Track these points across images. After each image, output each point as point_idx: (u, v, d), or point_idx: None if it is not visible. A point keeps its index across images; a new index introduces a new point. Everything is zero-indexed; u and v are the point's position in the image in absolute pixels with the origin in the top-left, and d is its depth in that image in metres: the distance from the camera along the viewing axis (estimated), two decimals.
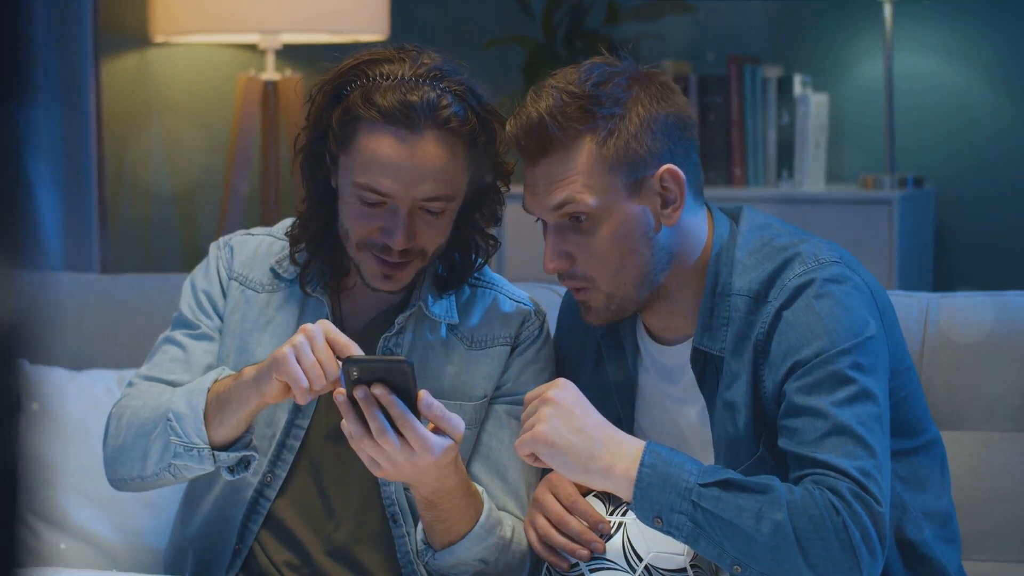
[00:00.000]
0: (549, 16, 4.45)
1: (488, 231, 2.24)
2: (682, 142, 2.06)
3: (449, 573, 2.17)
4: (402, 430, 1.96)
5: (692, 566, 2.02)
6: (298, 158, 2.20)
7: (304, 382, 1.98)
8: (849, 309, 2.00)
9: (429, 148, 2.09)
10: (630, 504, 1.95)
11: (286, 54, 4.18)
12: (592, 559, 2.01)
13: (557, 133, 2.01)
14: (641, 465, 1.93)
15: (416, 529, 2.18)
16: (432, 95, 2.09)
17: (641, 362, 2.18)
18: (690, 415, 2.14)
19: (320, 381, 1.99)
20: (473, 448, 2.23)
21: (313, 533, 2.22)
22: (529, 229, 2.19)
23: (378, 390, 1.95)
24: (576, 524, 2.02)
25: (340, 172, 2.15)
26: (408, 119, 2.08)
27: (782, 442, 1.97)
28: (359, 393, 1.95)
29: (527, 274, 2.81)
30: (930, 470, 2.12)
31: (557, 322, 2.32)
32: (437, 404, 1.98)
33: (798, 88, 4.36)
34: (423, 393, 1.97)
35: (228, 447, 2.10)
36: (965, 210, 4.42)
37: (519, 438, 1.98)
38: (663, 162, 2.04)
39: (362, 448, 1.98)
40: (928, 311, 2.41)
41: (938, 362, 2.37)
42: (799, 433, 1.95)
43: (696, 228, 2.09)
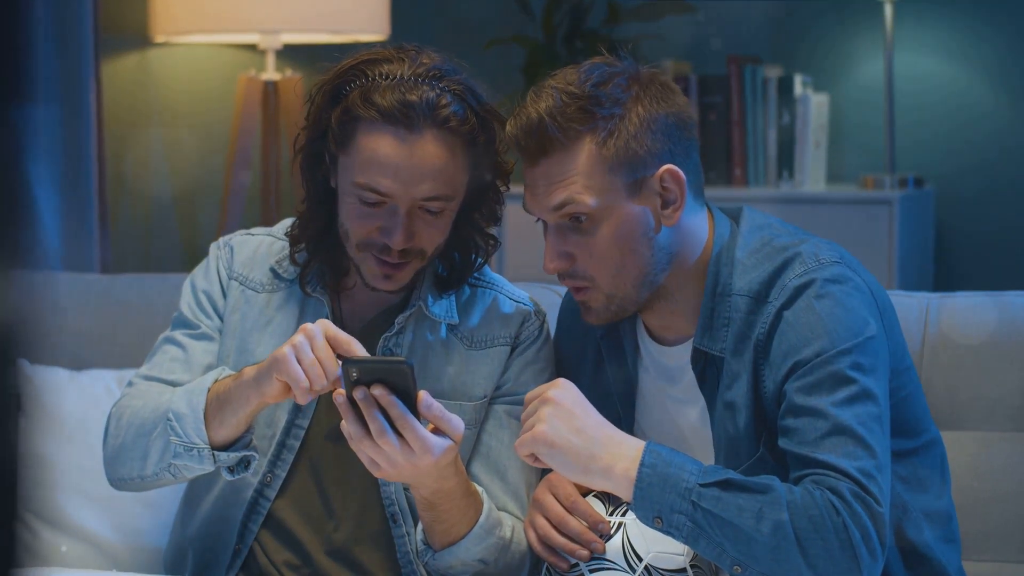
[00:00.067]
0: (549, 16, 4.45)
1: (488, 231, 2.24)
2: (682, 142, 2.06)
3: (449, 573, 2.17)
4: (402, 431, 1.96)
5: (692, 566, 2.02)
6: (297, 158, 2.20)
7: (304, 382, 1.98)
8: (849, 309, 2.00)
9: (428, 148, 2.09)
10: (630, 504, 1.95)
11: (286, 54, 4.18)
12: (592, 559, 2.01)
13: (557, 134, 2.01)
14: (641, 465, 1.93)
15: (416, 529, 2.18)
16: (431, 95, 2.09)
17: (641, 362, 2.18)
18: (690, 415, 2.14)
19: (320, 380, 1.99)
20: (473, 448, 2.23)
21: (313, 533, 2.22)
22: (529, 229, 2.19)
23: (378, 391, 1.95)
24: (576, 524, 2.02)
25: (339, 172, 2.15)
26: (407, 119, 2.08)
27: (782, 442, 1.97)
28: (359, 394, 1.95)
29: (527, 274, 2.81)
30: (930, 470, 2.12)
31: (557, 322, 2.32)
32: (437, 405, 1.98)
33: (798, 88, 4.36)
34: (423, 394, 1.97)
35: (228, 447, 2.10)
36: (965, 210, 4.42)
37: (519, 438, 1.98)
38: (663, 162, 2.04)
39: (362, 449, 1.98)
40: (928, 311, 2.41)
41: (938, 362, 2.37)
42: (799, 433, 1.95)
43: (696, 228, 2.09)
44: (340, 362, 1.98)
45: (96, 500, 2.56)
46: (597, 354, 2.22)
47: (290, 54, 4.20)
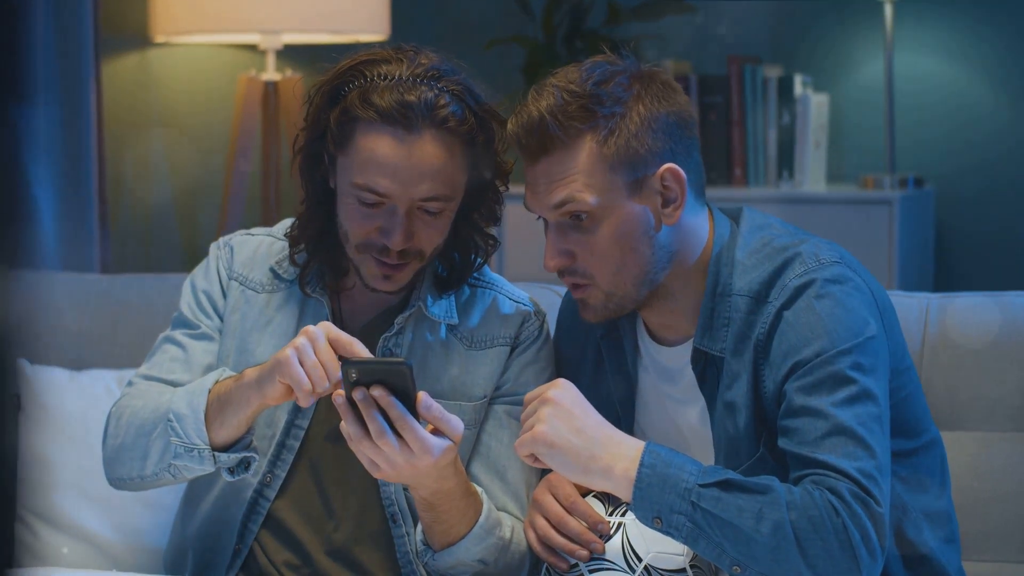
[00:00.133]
0: (549, 16, 4.45)
1: (487, 231, 2.24)
2: (683, 141, 2.06)
3: (448, 573, 2.17)
4: (401, 432, 1.96)
5: (692, 566, 2.01)
6: (297, 159, 2.20)
7: (307, 384, 1.98)
8: (850, 309, 2.00)
9: (427, 148, 2.09)
10: (630, 504, 1.95)
11: (286, 54, 4.18)
12: (591, 559, 2.01)
13: (558, 132, 2.01)
14: (641, 465, 1.93)
15: (416, 529, 2.18)
16: (430, 95, 2.09)
17: (641, 362, 2.18)
18: (690, 415, 2.14)
19: (322, 383, 1.99)
20: (473, 448, 2.23)
21: (313, 533, 2.22)
22: (529, 229, 2.19)
23: (377, 392, 1.95)
24: (575, 525, 2.02)
25: (338, 173, 2.15)
26: (406, 119, 2.08)
27: (782, 442, 1.97)
28: (358, 395, 1.95)
29: (527, 274, 2.81)
30: (930, 471, 2.12)
31: (557, 323, 2.32)
32: (436, 405, 1.98)
33: (798, 88, 4.36)
34: (422, 395, 1.97)
35: (228, 448, 2.10)
36: (965, 210, 4.42)
37: (519, 438, 1.98)
38: (664, 161, 2.04)
39: (361, 450, 1.98)
40: (928, 311, 2.41)
41: (938, 362, 2.37)
42: (799, 433, 1.95)
43: (697, 228, 2.09)
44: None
45: (96, 500, 2.56)
46: (597, 354, 2.22)
47: (290, 54, 4.20)
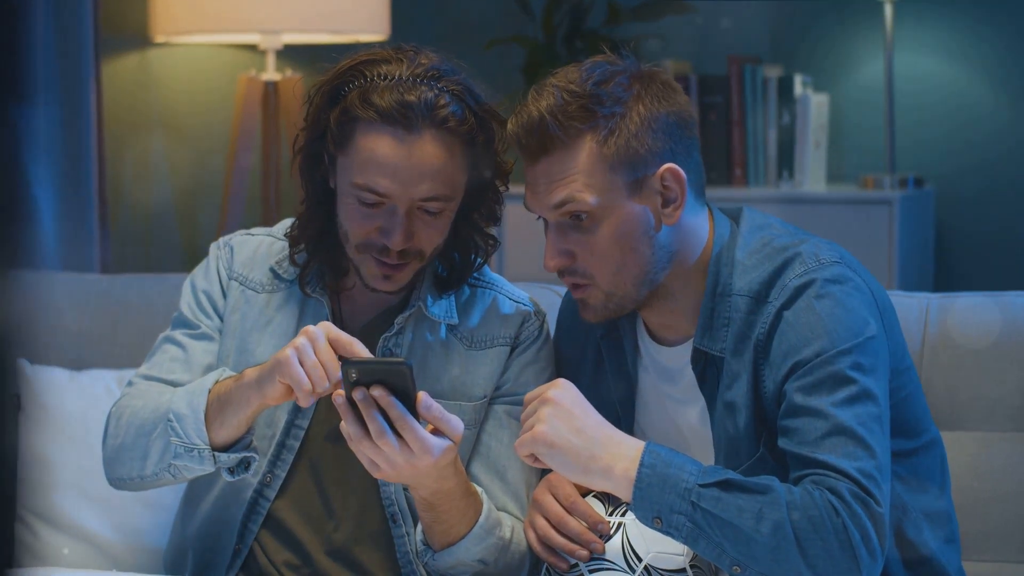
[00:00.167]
0: (549, 16, 4.45)
1: (487, 231, 2.24)
2: (683, 141, 2.06)
3: (448, 573, 2.17)
4: (401, 432, 1.96)
5: (692, 566, 2.01)
6: (297, 159, 2.20)
7: (307, 384, 1.98)
8: (850, 309, 2.00)
9: (427, 148, 2.09)
10: (630, 504, 1.95)
11: (286, 54, 4.18)
12: (591, 559, 2.01)
13: (558, 132, 2.01)
14: (641, 465, 1.93)
15: (416, 529, 2.18)
16: (430, 95, 2.09)
17: (641, 362, 2.18)
18: (690, 415, 2.14)
19: (323, 383, 1.99)
20: (473, 448, 2.23)
21: (313, 533, 2.22)
22: (529, 229, 2.19)
23: (377, 392, 1.95)
24: (575, 525, 2.02)
25: (338, 173, 2.15)
26: (406, 119, 2.08)
27: (782, 442, 1.97)
28: (358, 395, 1.95)
29: (527, 274, 2.81)
30: (930, 471, 2.12)
31: (557, 323, 2.32)
32: (436, 405, 1.98)
33: (798, 88, 4.36)
34: (422, 395, 1.97)
35: (228, 448, 2.10)
36: (965, 210, 4.42)
37: (519, 438, 1.98)
38: (664, 161, 2.04)
39: (361, 450, 1.98)
40: (928, 311, 2.41)
41: (938, 362, 2.37)
42: (799, 433, 1.95)
43: (697, 228, 2.09)
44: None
45: (96, 500, 2.56)
46: (597, 354, 2.22)
47: (290, 54, 4.20)
